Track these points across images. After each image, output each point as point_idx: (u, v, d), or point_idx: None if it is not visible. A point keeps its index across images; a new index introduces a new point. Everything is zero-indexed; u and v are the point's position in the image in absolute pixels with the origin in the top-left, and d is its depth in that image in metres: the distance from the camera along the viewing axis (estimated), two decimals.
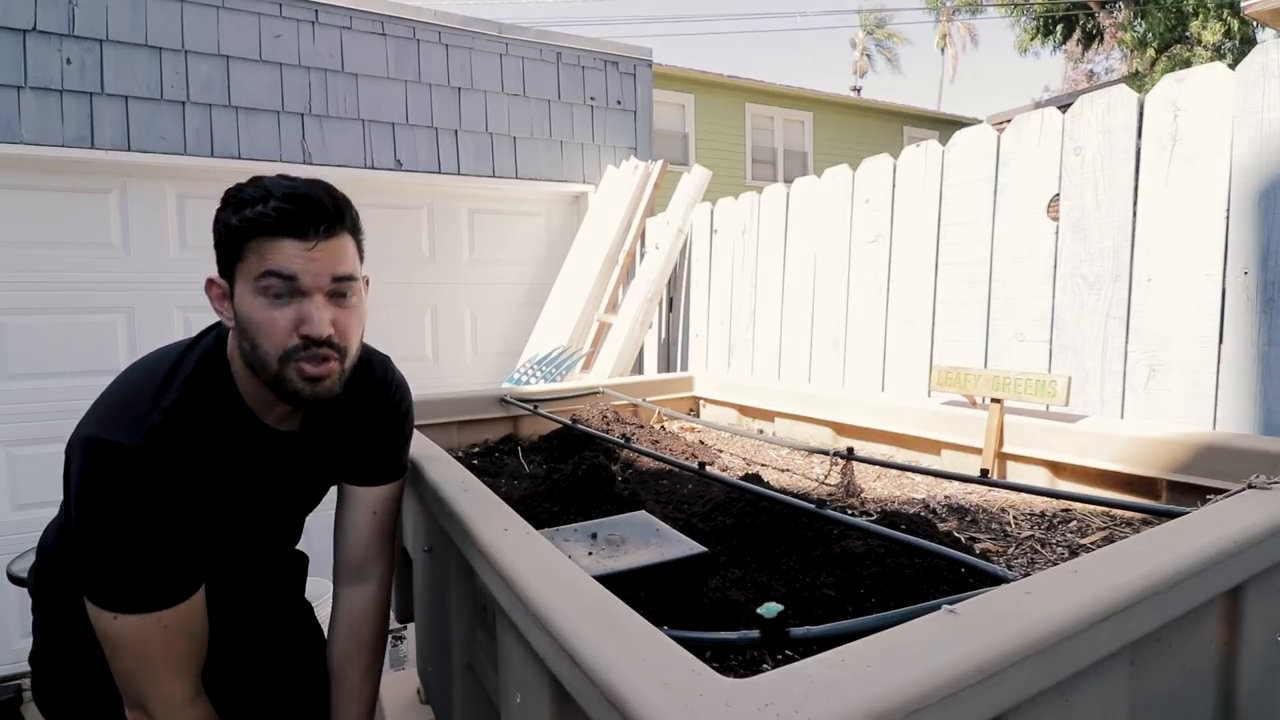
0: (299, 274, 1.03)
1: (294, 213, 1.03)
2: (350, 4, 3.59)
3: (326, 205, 1.05)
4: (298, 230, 1.03)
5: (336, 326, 1.07)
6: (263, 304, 1.04)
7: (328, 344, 1.06)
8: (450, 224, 4.08)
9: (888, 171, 2.40)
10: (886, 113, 15.24)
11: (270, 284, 1.03)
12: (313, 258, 1.04)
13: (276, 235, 1.03)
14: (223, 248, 1.10)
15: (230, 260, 1.08)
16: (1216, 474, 1.25)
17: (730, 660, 0.86)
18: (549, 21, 41.21)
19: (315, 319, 1.04)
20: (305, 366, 1.06)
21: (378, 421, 1.33)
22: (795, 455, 1.99)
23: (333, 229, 1.06)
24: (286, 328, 1.04)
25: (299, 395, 1.08)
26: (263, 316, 1.04)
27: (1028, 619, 0.63)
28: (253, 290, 1.05)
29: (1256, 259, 1.52)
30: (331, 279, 1.05)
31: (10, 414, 3.16)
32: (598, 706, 0.59)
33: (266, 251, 1.03)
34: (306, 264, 1.04)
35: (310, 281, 1.04)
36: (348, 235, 1.09)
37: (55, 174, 3.17)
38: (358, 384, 1.25)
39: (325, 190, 1.08)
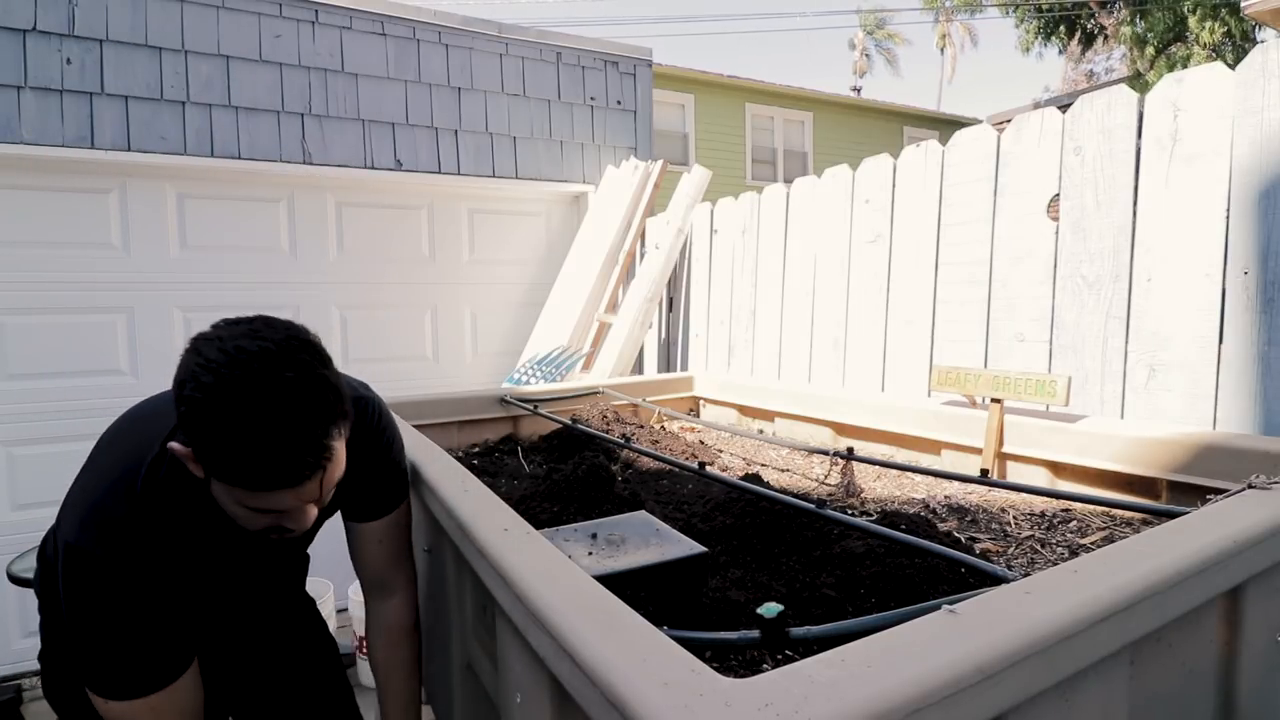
0: (286, 509, 0.99)
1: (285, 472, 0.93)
2: (350, 4, 3.59)
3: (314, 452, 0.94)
4: (289, 484, 0.94)
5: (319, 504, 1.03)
6: (246, 512, 0.98)
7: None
8: (450, 224, 4.08)
9: (888, 171, 2.40)
10: (886, 113, 15.24)
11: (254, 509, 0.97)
12: (300, 493, 0.96)
13: (264, 490, 0.94)
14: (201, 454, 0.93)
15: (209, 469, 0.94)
16: (1216, 474, 1.25)
17: (730, 660, 0.86)
18: (549, 21, 41.22)
19: (300, 523, 1.02)
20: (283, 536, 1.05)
21: (366, 465, 1.28)
22: (795, 455, 1.99)
23: (326, 460, 0.96)
24: (268, 522, 1.01)
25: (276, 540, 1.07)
26: (244, 515, 0.99)
27: (1028, 619, 0.63)
28: (234, 500, 0.97)
29: (1256, 259, 1.52)
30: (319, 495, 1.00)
31: (10, 414, 3.16)
32: (598, 706, 0.59)
33: (260, 497, 0.95)
34: (295, 500, 0.97)
35: (295, 509, 1.00)
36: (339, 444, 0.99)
37: (55, 174, 3.17)
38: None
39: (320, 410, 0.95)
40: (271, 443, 0.90)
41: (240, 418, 0.88)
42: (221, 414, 0.88)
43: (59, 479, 1.36)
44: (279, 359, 0.92)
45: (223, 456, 0.91)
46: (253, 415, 0.88)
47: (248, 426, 0.88)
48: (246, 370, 0.89)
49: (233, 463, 0.91)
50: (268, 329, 0.96)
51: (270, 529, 1.03)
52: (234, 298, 3.52)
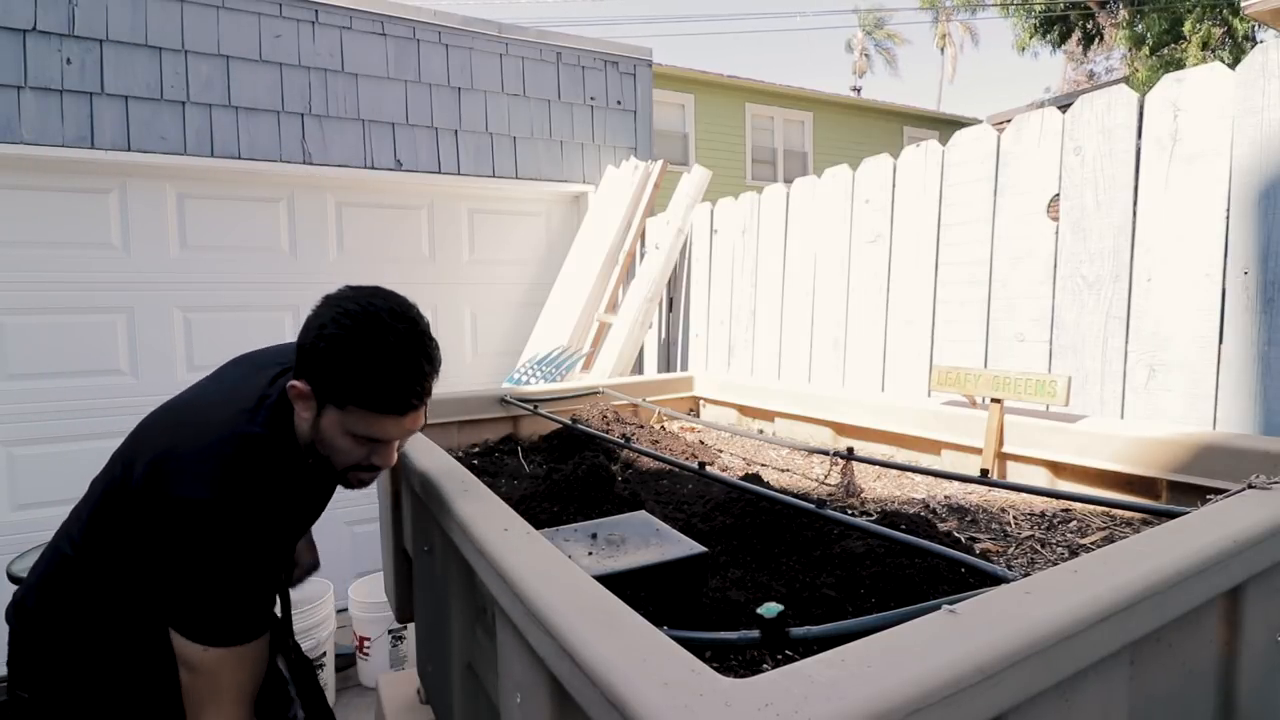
0: (384, 438, 1.18)
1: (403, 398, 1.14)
2: (350, 4, 3.59)
3: (429, 385, 1.17)
4: (400, 410, 1.15)
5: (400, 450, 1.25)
6: (346, 441, 1.17)
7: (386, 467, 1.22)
8: (450, 224, 4.08)
9: (888, 171, 2.40)
10: (886, 113, 15.24)
11: (363, 439, 1.16)
12: (402, 424, 1.17)
13: (382, 413, 1.14)
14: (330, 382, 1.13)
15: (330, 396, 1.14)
16: (1216, 474, 1.25)
17: (730, 660, 0.86)
18: (549, 21, 41.21)
19: (387, 459, 1.21)
20: (361, 476, 1.23)
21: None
22: (795, 455, 1.99)
23: (426, 400, 1.18)
24: (359, 456, 1.19)
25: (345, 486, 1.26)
26: (340, 446, 1.17)
27: (1028, 619, 0.63)
28: (343, 430, 1.15)
29: (1256, 259, 1.52)
30: (407, 434, 1.20)
31: (10, 414, 3.16)
32: (598, 706, 0.59)
33: (366, 421, 1.14)
34: (396, 430, 1.17)
35: (391, 440, 1.19)
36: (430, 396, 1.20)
37: (55, 174, 3.17)
38: None
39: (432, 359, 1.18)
40: (398, 371, 1.12)
41: (377, 349, 1.11)
42: (362, 346, 1.11)
43: (59, 479, 1.37)
44: (403, 314, 1.17)
45: (356, 381, 1.11)
46: (386, 348, 1.11)
47: (383, 356, 1.11)
48: (379, 317, 1.14)
49: (365, 386, 1.11)
50: (389, 294, 1.21)
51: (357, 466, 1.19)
52: (234, 298, 3.52)
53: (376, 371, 1.11)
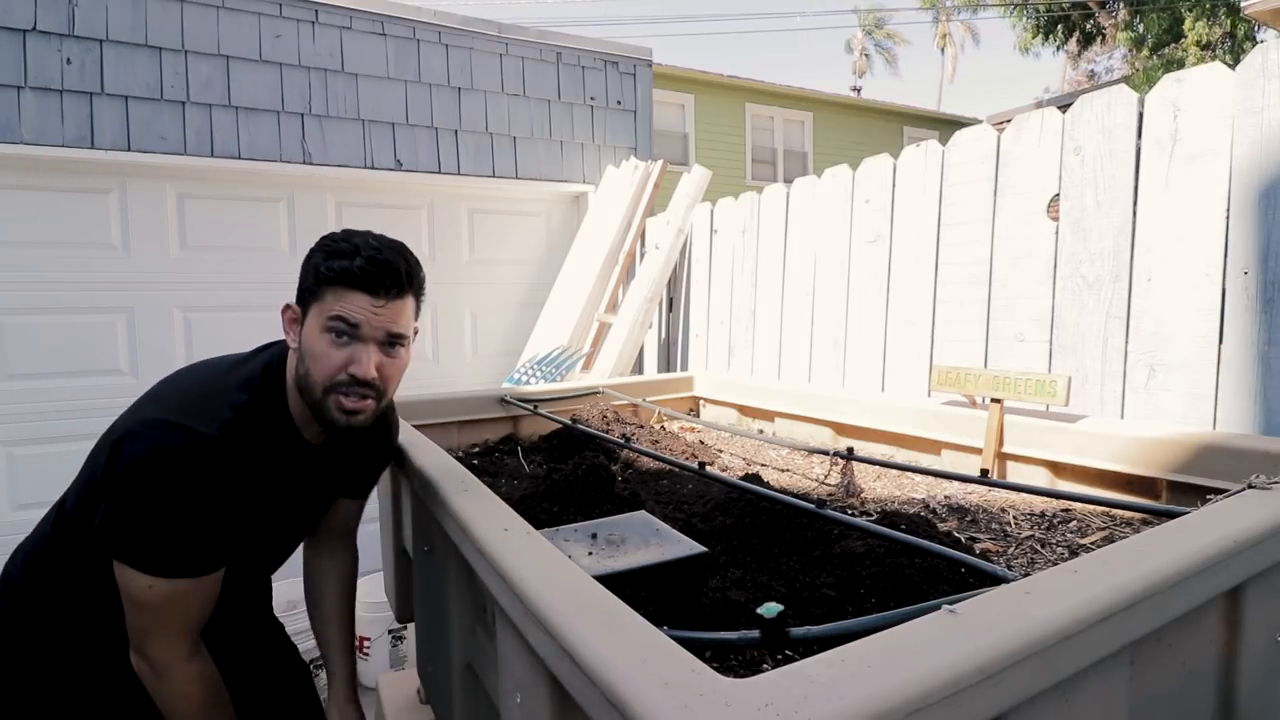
0: (362, 324, 1.20)
1: (373, 273, 1.19)
2: (350, 4, 3.59)
3: (400, 272, 1.22)
4: (371, 288, 1.19)
5: (381, 372, 1.24)
6: (326, 340, 1.20)
7: (369, 385, 1.22)
8: (450, 224, 4.08)
9: (888, 171, 2.40)
10: (886, 113, 15.24)
11: (336, 325, 1.19)
12: (376, 313, 1.20)
13: (353, 288, 1.19)
14: (307, 283, 1.24)
15: (309, 296, 1.23)
16: (1216, 474, 1.25)
17: (730, 660, 0.86)
18: (549, 21, 41.17)
19: (364, 362, 1.21)
20: (344, 400, 1.22)
21: (377, 449, 1.52)
22: (795, 455, 1.99)
23: (401, 292, 1.23)
24: (338, 364, 1.20)
25: (334, 424, 1.25)
26: (322, 350, 1.20)
27: (1028, 619, 0.63)
28: (321, 326, 1.20)
29: (1256, 259, 1.52)
30: (386, 333, 1.23)
31: (10, 414, 3.16)
32: (598, 706, 0.59)
33: (342, 299, 1.19)
34: (370, 317, 1.20)
35: (369, 332, 1.21)
36: (411, 298, 1.27)
37: (55, 174, 3.17)
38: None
39: (404, 257, 1.25)
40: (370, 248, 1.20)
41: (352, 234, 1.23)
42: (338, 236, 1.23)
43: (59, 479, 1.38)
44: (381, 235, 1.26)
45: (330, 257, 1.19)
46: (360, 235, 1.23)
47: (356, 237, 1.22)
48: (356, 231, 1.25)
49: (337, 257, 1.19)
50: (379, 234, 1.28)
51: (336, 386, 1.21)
52: (234, 298, 3.52)
53: (350, 246, 1.20)
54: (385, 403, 1.30)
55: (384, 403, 1.30)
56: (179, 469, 1.12)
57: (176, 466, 1.12)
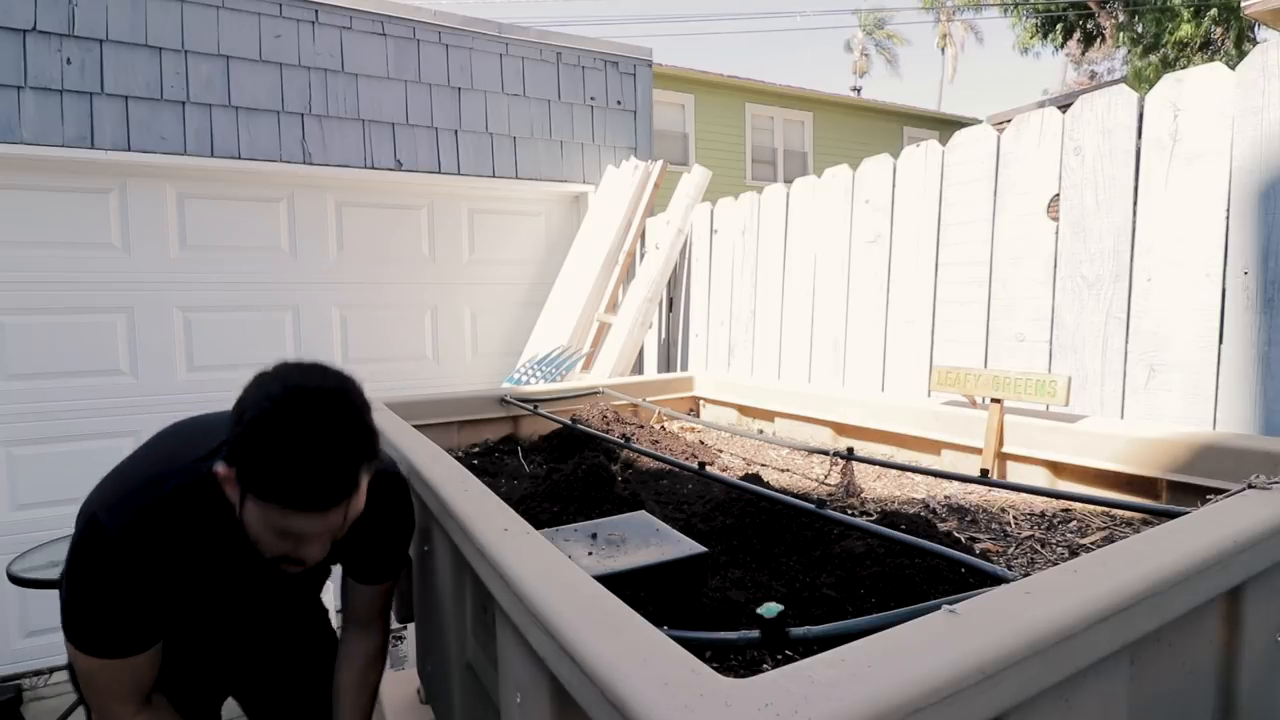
0: (306, 533, 1.10)
1: (318, 495, 1.06)
2: (350, 4, 3.59)
3: (351, 476, 1.09)
4: (317, 507, 1.07)
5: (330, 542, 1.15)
6: (268, 533, 1.11)
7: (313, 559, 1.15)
8: (450, 224, 4.08)
9: (888, 171, 2.40)
10: (886, 113, 15.24)
11: (280, 530, 1.09)
12: (324, 520, 1.09)
13: (295, 510, 1.07)
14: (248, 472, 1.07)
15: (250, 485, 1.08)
16: (1216, 474, 1.25)
17: (730, 660, 0.86)
18: (549, 21, 41.14)
19: (313, 557, 1.14)
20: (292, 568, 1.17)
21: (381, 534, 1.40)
22: (795, 455, 1.99)
23: (350, 493, 1.10)
24: (282, 549, 1.13)
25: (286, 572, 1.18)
26: (266, 540, 1.12)
27: (1028, 619, 0.63)
28: (260, 519, 1.10)
29: (1256, 259, 1.52)
30: (335, 530, 1.13)
31: (10, 414, 3.16)
32: (598, 706, 0.59)
33: (282, 515, 1.07)
34: (313, 526, 1.09)
35: (313, 536, 1.11)
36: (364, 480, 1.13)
37: (55, 174, 3.17)
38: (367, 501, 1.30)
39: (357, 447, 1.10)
40: (313, 466, 1.04)
41: (291, 440, 1.03)
42: (275, 436, 1.03)
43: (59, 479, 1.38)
44: (330, 398, 1.09)
45: (269, 474, 1.04)
46: (302, 439, 1.03)
47: (296, 448, 1.03)
48: (302, 403, 1.05)
49: (277, 480, 1.04)
50: (322, 374, 1.13)
51: (285, 558, 1.14)
52: (234, 298, 3.53)
53: (291, 465, 1.03)
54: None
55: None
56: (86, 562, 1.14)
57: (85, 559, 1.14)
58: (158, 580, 1.17)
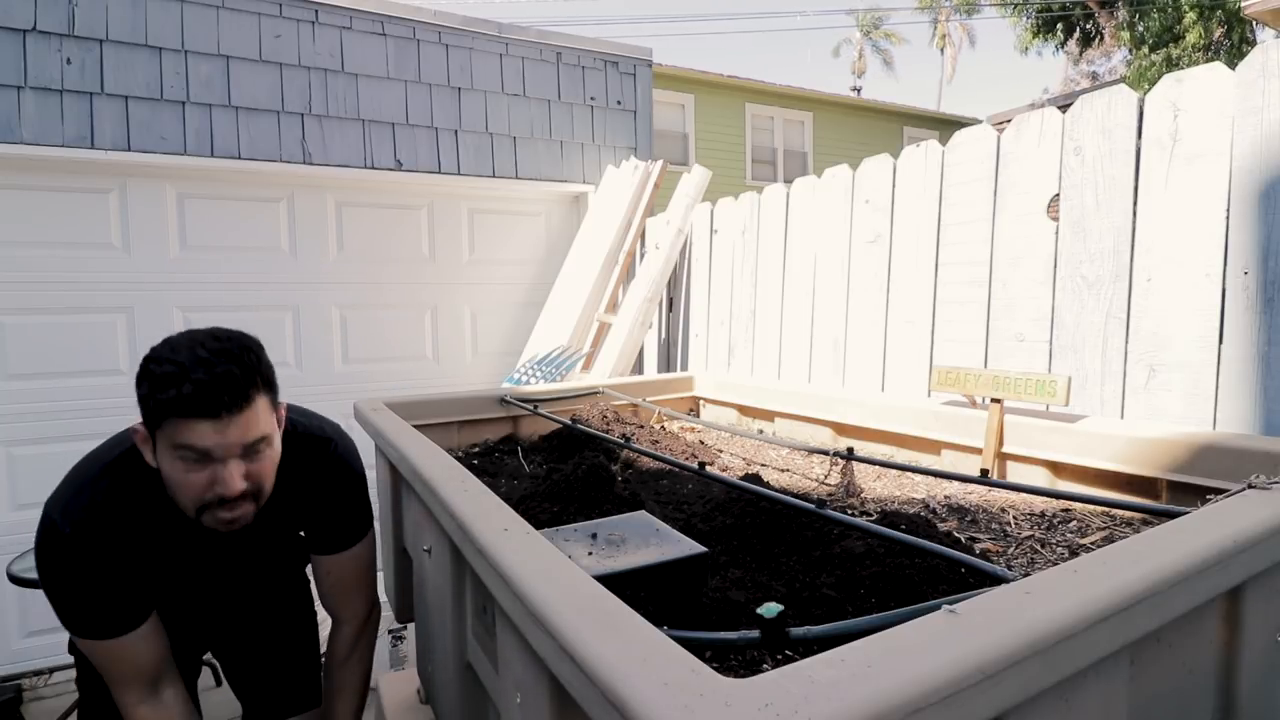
0: (211, 448, 1.14)
1: (206, 397, 1.11)
2: (350, 4, 3.59)
3: (238, 383, 1.14)
4: (210, 411, 1.12)
5: (250, 476, 1.20)
6: (180, 468, 1.16)
7: (242, 497, 1.20)
8: (450, 224, 4.08)
9: (888, 171, 2.39)
10: (886, 113, 15.24)
11: (186, 455, 1.14)
12: (224, 433, 1.14)
13: (190, 417, 1.11)
14: (145, 413, 1.17)
15: (151, 424, 1.17)
16: (1216, 474, 1.25)
17: (730, 660, 0.86)
18: (549, 21, 41.13)
19: (228, 481, 1.16)
20: (220, 515, 1.20)
21: (322, 496, 1.43)
22: (795, 455, 1.99)
23: (245, 403, 1.15)
24: (201, 487, 1.17)
25: (217, 530, 1.24)
26: (180, 479, 1.17)
27: (1028, 619, 0.63)
28: (171, 455, 1.15)
29: (1256, 259, 1.52)
30: (242, 447, 1.17)
31: (10, 414, 3.16)
32: (598, 706, 0.59)
33: (181, 429, 1.12)
34: (219, 439, 1.14)
35: (223, 452, 1.15)
36: (260, 398, 1.19)
37: (55, 174, 3.17)
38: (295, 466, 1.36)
39: (238, 362, 1.15)
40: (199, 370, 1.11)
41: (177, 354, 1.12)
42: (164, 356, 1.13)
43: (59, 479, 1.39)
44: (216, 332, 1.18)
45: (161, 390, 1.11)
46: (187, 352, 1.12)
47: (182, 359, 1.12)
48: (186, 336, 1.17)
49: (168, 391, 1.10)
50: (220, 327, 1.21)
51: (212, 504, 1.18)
52: (234, 298, 3.53)
53: (175, 368, 1.10)
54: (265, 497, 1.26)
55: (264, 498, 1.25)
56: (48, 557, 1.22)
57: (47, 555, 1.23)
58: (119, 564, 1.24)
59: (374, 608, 1.58)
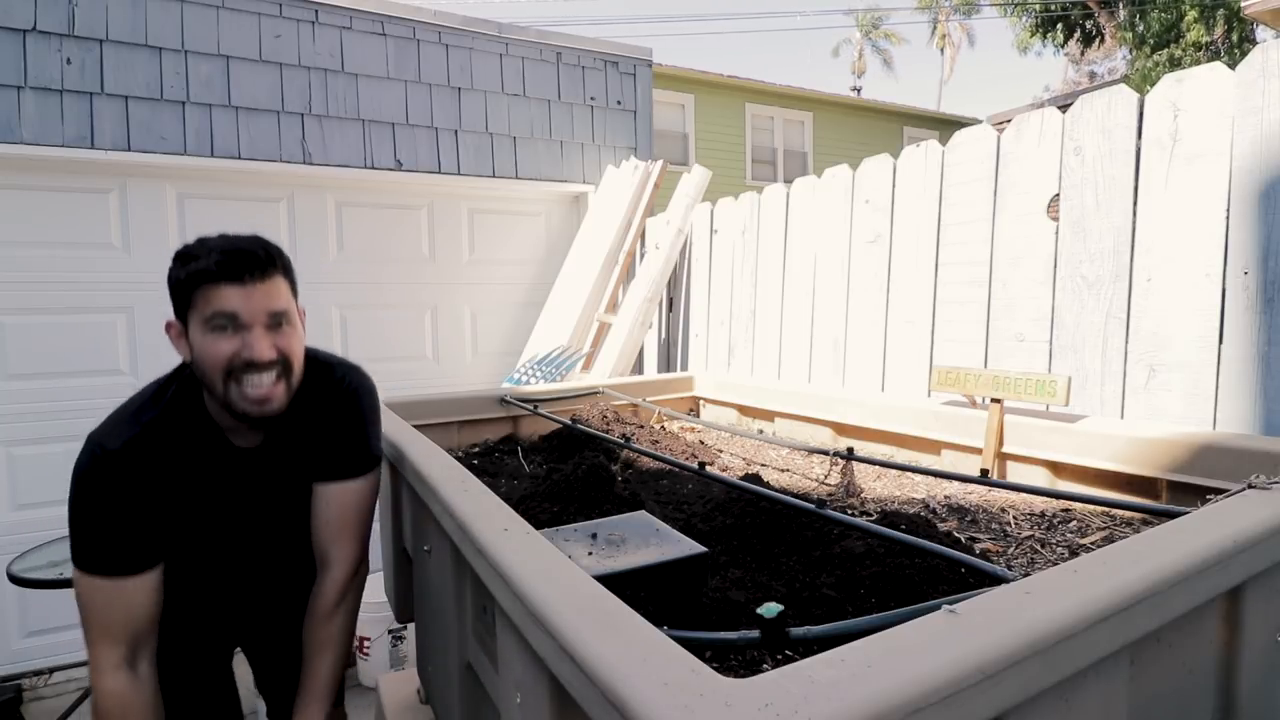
0: (239, 311, 1.25)
1: (231, 263, 1.24)
2: (350, 4, 3.59)
3: (259, 254, 1.27)
4: (235, 276, 1.24)
5: (279, 347, 1.29)
6: (211, 339, 1.25)
7: (269, 365, 1.28)
8: (450, 224, 4.08)
9: (888, 171, 2.40)
10: (886, 113, 15.24)
11: (217, 321, 1.25)
12: (250, 297, 1.25)
13: (218, 282, 1.24)
14: (176, 297, 1.28)
15: (184, 306, 1.28)
16: (1216, 474, 1.25)
17: (730, 660, 0.86)
18: (549, 21, 41.14)
19: (255, 345, 1.26)
20: (248, 390, 1.27)
21: (331, 424, 1.47)
22: (795, 455, 1.99)
23: (266, 273, 1.28)
24: (230, 353, 1.26)
25: (248, 414, 1.30)
26: (211, 349, 1.26)
27: (1028, 619, 0.63)
28: (203, 329, 1.26)
29: (1256, 259, 1.52)
30: (268, 314, 1.28)
31: (10, 414, 3.16)
32: (598, 706, 0.59)
33: (211, 296, 1.24)
34: (245, 304, 1.25)
35: (249, 317, 1.26)
36: (280, 277, 1.31)
37: (55, 174, 3.17)
38: (311, 395, 1.42)
39: (259, 243, 1.30)
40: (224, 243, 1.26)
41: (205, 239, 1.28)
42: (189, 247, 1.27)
43: (59, 479, 1.41)
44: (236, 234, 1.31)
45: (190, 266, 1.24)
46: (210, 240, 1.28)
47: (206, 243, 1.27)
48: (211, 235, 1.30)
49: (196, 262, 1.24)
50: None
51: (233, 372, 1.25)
52: None
53: (201, 248, 1.25)
54: (295, 380, 1.34)
55: (294, 380, 1.33)
56: (89, 481, 1.27)
57: (88, 478, 1.27)
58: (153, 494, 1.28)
59: (364, 561, 1.55)
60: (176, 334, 1.31)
